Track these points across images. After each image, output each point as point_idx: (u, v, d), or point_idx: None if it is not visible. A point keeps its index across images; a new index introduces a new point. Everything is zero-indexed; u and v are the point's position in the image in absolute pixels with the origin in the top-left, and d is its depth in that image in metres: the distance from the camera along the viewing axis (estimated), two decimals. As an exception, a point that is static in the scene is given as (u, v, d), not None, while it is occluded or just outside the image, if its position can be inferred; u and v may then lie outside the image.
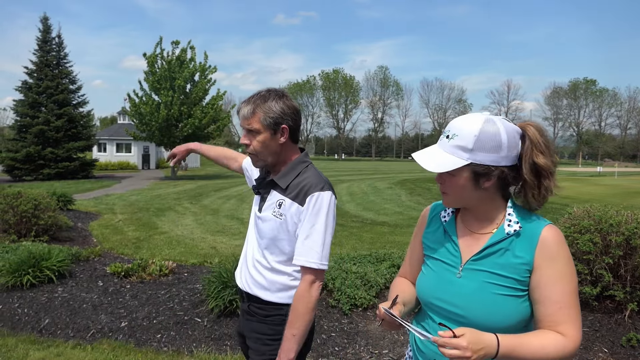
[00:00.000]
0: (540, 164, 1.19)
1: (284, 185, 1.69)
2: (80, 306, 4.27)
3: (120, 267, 5.02)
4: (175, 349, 3.60)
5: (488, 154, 1.19)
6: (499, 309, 1.20)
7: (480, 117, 1.22)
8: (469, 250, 1.28)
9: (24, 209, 6.66)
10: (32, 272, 4.66)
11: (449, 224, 1.36)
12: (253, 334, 1.78)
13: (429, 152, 1.27)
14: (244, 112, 1.65)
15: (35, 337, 3.80)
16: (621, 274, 3.68)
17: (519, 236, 1.22)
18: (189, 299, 4.34)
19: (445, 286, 1.29)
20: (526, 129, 1.22)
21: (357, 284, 4.23)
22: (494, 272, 1.22)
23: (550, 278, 1.18)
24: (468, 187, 1.23)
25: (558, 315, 1.17)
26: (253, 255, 1.79)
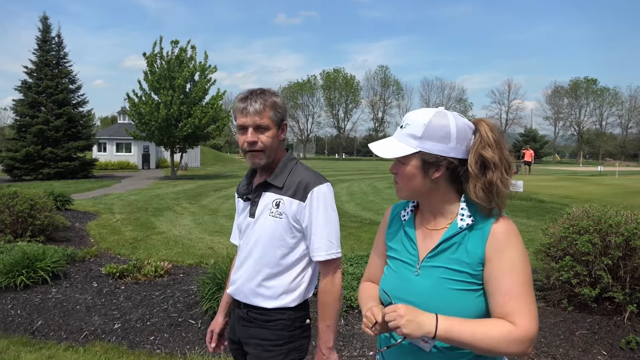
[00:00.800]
0: (486, 156, 1.21)
1: (281, 184, 1.68)
2: (73, 307, 4.23)
3: (115, 267, 4.98)
4: (169, 351, 3.56)
5: (436, 143, 1.22)
6: (455, 304, 1.20)
7: (432, 110, 1.27)
8: (426, 247, 1.30)
9: (20, 209, 6.63)
10: (26, 272, 4.63)
11: (407, 223, 1.37)
12: (253, 340, 1.74)
13: (385, 142, 1.31)
14: (256, 107, 1.63)
15: (27, 339, 3.77)
16: (620, 275, 3.63)
17: (471, 230, 1.23)
18: (184, 300, 4.30)
19: (404, 285, 1.30)
20: (478, 124, 1.26)
21: (354, 285, 4.19)
22: (449, 268, 1.23)
23: (499, 269, 1.18)
24: (417, 176, 1.26)
25: (508, 306, 1.16)
26: (250, 264, 1.74)
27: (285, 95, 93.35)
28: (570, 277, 3.73)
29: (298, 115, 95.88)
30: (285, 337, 1.71)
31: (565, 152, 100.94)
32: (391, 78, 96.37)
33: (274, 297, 1.70)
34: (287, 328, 1.71)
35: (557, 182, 19.79)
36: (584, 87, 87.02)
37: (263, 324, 1.72)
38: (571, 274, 3.73)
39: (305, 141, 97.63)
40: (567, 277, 3.74)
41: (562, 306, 3.90)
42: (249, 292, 1.74)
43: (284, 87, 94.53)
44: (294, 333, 1.73)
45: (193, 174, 30.37)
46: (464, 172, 1.25)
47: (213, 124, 25.70)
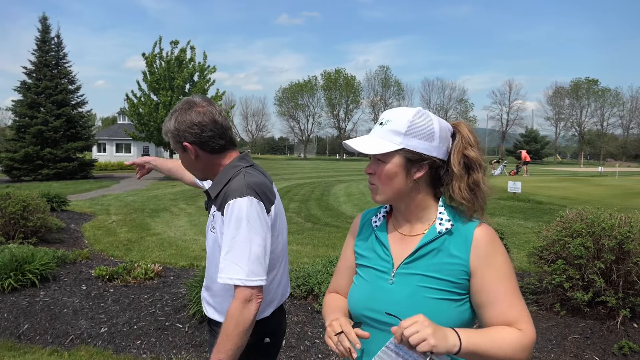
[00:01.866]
0: (471, 156, 1.19)
1: (214, 195, 1.57)
2: (60, 311, 4.18)
3: (105, 270, 4.93)
4: (155, 355, 3.51)
5: (421, 140, 1.18)
6: (434, 314, 1.11)
7: (413, 109, 1.22)
8: (401, 254, 1.22)
9: (12, 210, 6.58)
10: (14, 275, 4.58)
11: (379, 229, 1.30)
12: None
13: (363, 139, 1.24)
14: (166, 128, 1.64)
15: (12, 343, 3.72)
16: (613, 279, 3.57)
17: (451, 234, 1.18)
18: (172, 303, 4.25)
19: (377, 295, 1.21)
20: (458, 126, 1.23)
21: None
22: (428, 275, 1.16)
23: (492, 279, 1.14)
24: (399, 175, 1.19)
25: (509, 314, 1.13)
26: (205, 275, 1.72)
27: (286, 96, 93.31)
28: (563, 280, 3.67)
29: (299, 115, 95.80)
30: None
31: (566, 153, 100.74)
32: (392, 78, 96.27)
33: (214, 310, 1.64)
34: None
35: (557, 183, 19.71)
36: (585, 87, 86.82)
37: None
38: (564, 278, 3.67)
39: (305, 142, 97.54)
40: (559, 280, 3.68)
41: (555, 310, 3.84)
42: (206, 304, 1.72)
43: (285, 88, 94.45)
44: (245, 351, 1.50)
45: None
46: (444, 173, 1.21)
47: (212, 124, 25.69)
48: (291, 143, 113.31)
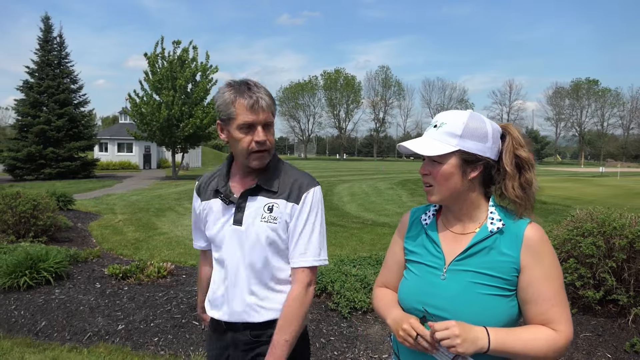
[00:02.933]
0: (522, 156, 1.24)
1: (276, 188, 1.54)
2: (77, 308, 4.23)
3: (118, 268, 4.98)
4: (173, 352, 3.55)
5: (476, 142, 1.22)
6: (486, 309, 1.18)
7: (465, 111, 1.27)
8: (452, 251, 1.27)
9: (23, 209, 6.63)
10: (29, 273, 4.63)
11: (430, 227, 1.34)
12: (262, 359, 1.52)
13: (418, 141, 1.28)
14: (267, 101, 1.46)
15: (31, 340, 3.77)
16: (625, 277, 3.63)
17: (502, 234, 1.22)
18: (187, 301, 4.30)
19: (429, 289, 1.26)
20: (508, 127, 1.28)
21: (357, 287, 4.18)
22: (480, 272, 1.21)
23: (539, 277, 1.18)
24: (455, 175, 1.23)
25: (550, 313, 1.17)
26: (240, 274, 1.55)
27: (287, 96, 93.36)
28: (574, 279, 3.72)
29: (299, 115, 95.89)
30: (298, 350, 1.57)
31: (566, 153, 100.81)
32: (392, 78, 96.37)
33: (276, 309, 1.55)
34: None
35: (559, 183, 19.77)
36: (586, 88, 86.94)
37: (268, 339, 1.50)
38: (575, 277, 3.72)
39: (306, 141, 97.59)
40: (571, 279, 3.73)
41: (566, 308, 3.88)
42: (248, 308, 1.55)
43: (286, 87, 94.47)
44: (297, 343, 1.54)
45: (194, 174, 30.38)
46: (495, 173, 1.26)
47: (214, 124, 25.71)
48: (291, 143, 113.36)
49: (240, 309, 1.56)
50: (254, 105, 1.44)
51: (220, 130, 1.55)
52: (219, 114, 1.51)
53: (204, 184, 1.68)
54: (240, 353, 1.59)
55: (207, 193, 1.64)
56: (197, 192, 1.70)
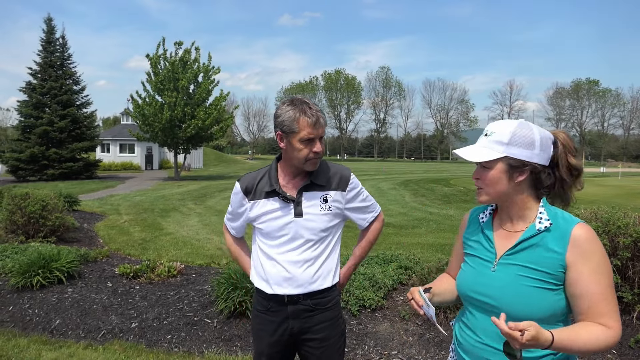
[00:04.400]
0: (574, 164, 1.36)
1: (324, 182, 1.88)
2: (90, 307, 4.31)
3: (128, 268, 5.06)
4: (186, 349, 3.63)
5: (522, 149, 1.32)
6: (530, 300, 1.29)
7: (515, 120, 1.37)
8: (503, 246, 1.39)
9: (32, 209, 6.71)
10: (42, 273, 4.70)
11: (486, 224, 1.48)
12: (320, 325, 1.92)
13: (470, 148, 1.42)
14: (325, 120, 1.83)
15: (46, 338, 3.84)
16: (629, 275, 3.69)
17: (549, 232, 1.31)
18: (198, 300, 4.37)
19: (481, 280, 1.40)
20: (558, 135, 1.38)
21: (365, 285, 4.25)
22: (527, 266, 1.31)
23: (586, 274, 1.26)
24: (502, 179, 1.35)
25: (599, 308, 1.25)
26: (302, 255, 1.88)
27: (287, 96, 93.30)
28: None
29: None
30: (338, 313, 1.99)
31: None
32: (393, 79, 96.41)
33: (329, 278, 1.92)
34: (338, 303, 1.98)
35: (560, 183, 19.83)
36: (586, 88, 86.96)
37: (327, 307, 1.92)
38: (580, 275, 3.78)
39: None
40: (576, 277, 3.80)
41: (571, 306, 3.95)
42: (308, 281, 1.88)
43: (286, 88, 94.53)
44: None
45: (196, 174, 30.46)
46: (545, 177, 1.36)
47: (216, 125, 25.80)
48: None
49: (305, 281, 1.88)
50: (315, 124, 1.76)
51: (280, 139, 1.83)
52: (282, 127, 1.78)
53: (250, 185, 1.92)
54: (300, 321, 1.91)
55: (257, 194, 1.90)
56: (245, 192, 1.93)
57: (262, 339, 1.96)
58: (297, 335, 1.93)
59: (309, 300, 1.90)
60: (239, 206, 1.96)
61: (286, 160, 1.88)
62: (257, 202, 1.90)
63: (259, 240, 1.96)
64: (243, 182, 1.94)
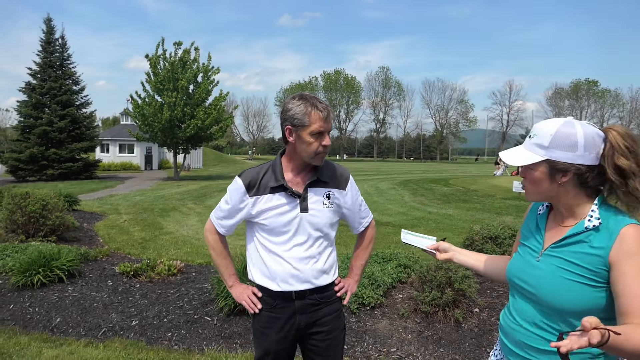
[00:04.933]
0: (621, 165, 1.28)
1: (327, 179, 1.93)
2: (90, 305, 4.33)
3: (129, 266, 5.07)
4: (186, 347, 3.65)
5: (563, 151, 1.32)
6: (567, 292, 1.31)
7: (560, 120, 1.36)
8: (551, 239, 1.43)
9: (32, 209, 6.72)
10: (43, 271, 4.72)
11: (541, 217, 1.52)
12: (325, 318, 1.98)
13: (513, 150, 1.45)
14: (332, 114, 1.89)
15: (47, 336, 3.86)
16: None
17: (598, 231, 1.30)
18: (198, 298, 4.39)
19: (525, 268, 1.46)
20: (608, 132, 1.32)
21: (365, 283, 4.28)
22: (568, 260, 1.33)
23: (629, 274, 1.22)
24: (544, 180, 1.37)
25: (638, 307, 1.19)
26: (308, 251, 1.92)
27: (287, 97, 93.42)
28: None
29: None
30: (341, 304, 2.07)
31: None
32: (392, 79, 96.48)
33: (331, 273, 1.99)
34: (338, 298, 2.05)
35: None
36: (585, 88, 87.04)
37: (330, 300, 1.99)
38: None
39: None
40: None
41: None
42: (312, 276, 1.92)
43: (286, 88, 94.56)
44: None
45: (196, 174, 30.48)
46: (593, 177, 1.33)
47: (216, 125, 25.79)
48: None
49: (311, 277, 1.92)
50: (327, 118, 1.81)
51: (289, 133, 1.84)
52: (293, 120, 1.80)
53: (254, 180, 1.91)
54: (307, 316, 1.95)
55: (262, 189, 1.90)
56: (247, 187, 1.91)
57: (268, 337, 1.96)
58: (304, 329, 1.96)
59: (315, 294, 1.94)
60: (239, 202, 1.92)
61: (293, 155, 1.88)
62: (260, 197, 1.88)
63: (260, 237, 1.94)
64: (245, 177, 1.91)
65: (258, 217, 1.90)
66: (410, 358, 3.49)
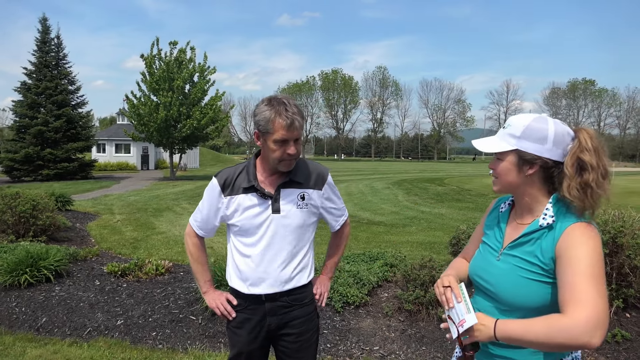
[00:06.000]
0: (583, 158, 1.31)
1: (302, 179, 1.91)
2: (77, 305, 4.34)
3: (117, 266, 5.09)
4: (170, 346, 3.66)
5: (533, 143, 1.36)
6: (523, 290, 1.35)
7: (533, 114, 1.41)
8: (510, 237, 1.47)
9: (23, 209, 6.72)
10: (30, 271, 4.73)
11: (503, 214, 1.55)
12: (297, 320, 1.97)
13: (487, 139, 1.49)
14: (300, 123, 1.77)
15: (32, 335, 3.87)
16: (607, 271, 3.75)
17: (551, 229, 1.34)
18: (185, 297, 4.41)
19: (486, 267, 1.50)
20: (579, 132, 1.36)
21: (350, 282, 4.30)
22: (523, 258, 1.38)
23: (564, 265, 1.26)
24: (513, 171, 1.41)
25: (566, 296, 1.22)
26: (279, 253, 1.89)
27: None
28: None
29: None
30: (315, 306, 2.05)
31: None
32: (390, 79, 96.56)
33: (306, 275, 1.97)
34: (313, 300, 2.05)
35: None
36: (582, 88, 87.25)
37: (303, 303, 1.97)
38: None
39: (304, 142, 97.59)
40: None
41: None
42: (286, 279, 1.90)
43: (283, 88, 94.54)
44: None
45: (192, 174, 30.47)
46: (557, 174, 1.36)
47: (212, 124, 25.79)
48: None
49: (281, 280, 1.90)
50: (290, 126, 1.73)
51: (257, 138, 1.84)
52: (258, 126, 1.78)
53: (229, 180, 1.89)
54: (278, 318, 1.94)
55: (235, 189, 1.88)
56: (222, 187, 1.89)
57: (240, 337, 1.97)
58: (275, 331, 1.95)
59: (286, 297, 1.93)
60: (216, 202, 1.91)
61: (264, 158, 1.87)
62: (234, 197, 1.87)
63: (233, 238, 1.95)
64: (221, 177, 1.90)
65: (231, 217, 1.89)
66: (393, 356, 3.51)
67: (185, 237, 2.09)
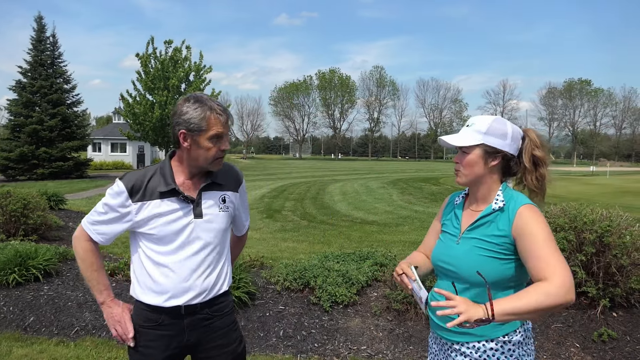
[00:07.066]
0: (536, 154, 1.59)
1: (222, 181, 1.85)
2: (65, 304, 4.32)
3: (106, 265, 5.06)
4: (157, 345, 3.65)
5: (496, 138, 1.58)
6: (481, 267, 1.53)
7: (493, 116, 1.66)
8: (467, 223, 1.66)
9: (13, 208, 6.69)
10: (18, 270, 4.70)
11: (458, 206, 1.75)
12: (219, 332, 1.86)
13: (454, 135, 1.65)
14: (232, 117, 1.78)
15: (19, 335, 3.86)
16: (594, 270, 3.76)
17: (502, 212, 1.56)
18: (173, 296, 4.40)
19: (447, 251, 1.67)
20: (527, 132, 1.63)
21: (339, 282, 4.30)
22: (481, 239, 1.58)
23: (527, 241, 1.47)
24: (478, 163, 1.60)
25: (538, 266, 1.42)
26: (203, 261, 1.78)
27: (282, 96, 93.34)
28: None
29: (294, 115, 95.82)
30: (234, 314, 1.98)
31: (560, 153, 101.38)
32: (386, 78, 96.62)
33: (227, 281, 1.91)
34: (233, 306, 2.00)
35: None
36: (578, 88, 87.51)
37: (224, 313, 1.89)
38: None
39: (301, 141, 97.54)
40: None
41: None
42: (210, 287, 1.80)
43: (280, 87, 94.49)
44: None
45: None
46: (513, 164, 1.62)
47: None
48: (286, 143, 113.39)
49: (205, 288, 1.80)
50: (226, 122, 1.72)
51: (184, 138, 1.69)
52: (189, 125, 1.66)
53: (138, 184, 1.72)
54: (198, 332, 1.82)
55: (148, 194, 1.71)
56: (130, 192, 1.70)
57: (150, 356, 1.78)
58: (195, 346, 1.83)
59: (207, 308, 1.81)
60: (121, 207, 1.71)
61: (186, 160, 1.74)
62: (147, 203, 1.70)
63: (145, 247, 1.76)
64: (128, 181, 1.71)
65: (144, 225, 1.72)
66: (380, 356, 3.52)
67: (73, 241, 1.82)
